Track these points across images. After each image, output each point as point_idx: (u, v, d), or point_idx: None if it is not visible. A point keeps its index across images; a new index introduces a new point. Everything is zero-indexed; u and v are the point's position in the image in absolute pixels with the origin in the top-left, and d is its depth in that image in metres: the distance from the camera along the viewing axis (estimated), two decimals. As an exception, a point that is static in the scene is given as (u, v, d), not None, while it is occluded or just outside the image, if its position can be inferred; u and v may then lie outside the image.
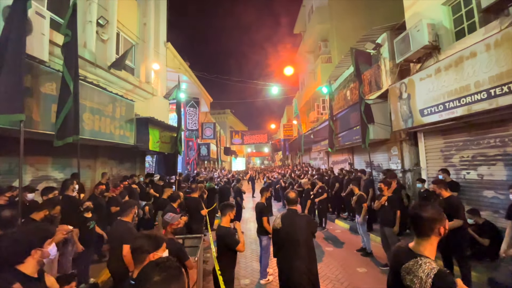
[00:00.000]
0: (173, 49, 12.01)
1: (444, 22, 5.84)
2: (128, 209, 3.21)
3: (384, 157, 8.28)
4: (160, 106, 10.04)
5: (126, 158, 8.40)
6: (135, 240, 1.57)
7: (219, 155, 24.34)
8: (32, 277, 1.63)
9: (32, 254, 1.63)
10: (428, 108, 5.62)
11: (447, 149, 5.87)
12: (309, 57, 18.24)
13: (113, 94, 6.20)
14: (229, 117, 34.51)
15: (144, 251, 1.51)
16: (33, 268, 1.64)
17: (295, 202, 3.07)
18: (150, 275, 0.95)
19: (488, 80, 4.28)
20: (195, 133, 18.83)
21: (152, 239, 1.58)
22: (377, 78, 8.57)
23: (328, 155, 14.07)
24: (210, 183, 8.58)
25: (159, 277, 0.94)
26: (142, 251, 1.51)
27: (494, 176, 4.84)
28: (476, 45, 4.51)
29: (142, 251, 1.51)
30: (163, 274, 0.95)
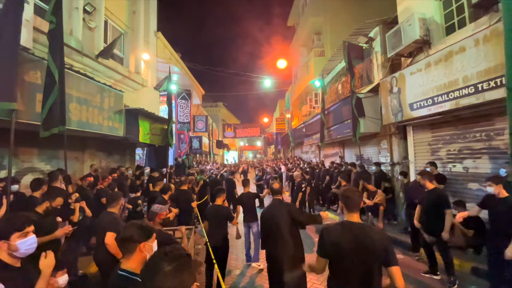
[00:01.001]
0: (163, 39, 11.72)
1: (435, 17, 5.88)
2: (115, 201, 3.19)
3: (374, 150, 8.41)
4: (150, 98, 9.85)
5: (115, 150, 8.24)
6: (125, 230, 1.55)
7: (211, 148, 24.21)
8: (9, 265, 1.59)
9: None
10: (417, 102, 5.71)
11: (435, 143, 6.00)
12: (302, 50, 18.16)
13: (101, 84, 6.03)
14: (222, 110, 34.22)
15: (134, 241, 1.49)
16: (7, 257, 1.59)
17: (278, 192, 3.21)
18: (160, 266, 0.89)
19: (476, 75, 4.37)
20: (186, 125, 18.60)
21: (143, 228, 1.56)
22: (369, 72, 8.62)
23: (319, 149, 14.19)
24: (201, 175, 8.54)
25: (170, 267, 0.88)
26: (133, 240, 1.49)
27: (479, 169, 4.99)
28: (465, 40, 4.57)
29: (133, 241, 1.49)
30: (174, 264, 0.89)
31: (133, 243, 1.49)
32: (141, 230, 1.54)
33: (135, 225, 1.58)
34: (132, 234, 1.50)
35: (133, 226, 1.56)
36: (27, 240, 1.66)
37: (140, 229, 1.55)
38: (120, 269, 1.46)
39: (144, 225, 1.60)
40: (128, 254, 1.49)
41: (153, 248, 1.59)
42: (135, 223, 1.60)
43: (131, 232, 1.51)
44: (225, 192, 3.58)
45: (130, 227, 1.56)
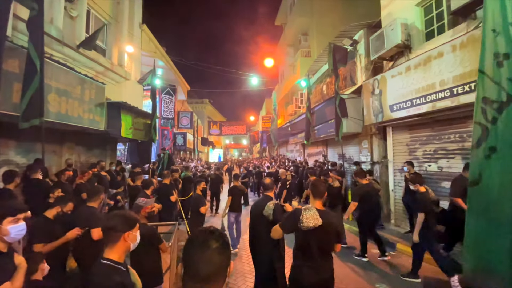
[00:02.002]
0: (148, 32, 11.43)
1: (416, 22, 6.15)
2: (95, 195, 3.14)
3: (355, 149, 8.68)
4: (133, 91, 9.58)
5: (95, 144, 7.95)
6: (109, 220, 1.55)
7: (196, 145, 23.90)
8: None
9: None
10: (397, 104, 5.95)
11: (412, 143, 6.30)
12: (289, 50, 18.33)
13: (81, 75, 5.80)
14: (207, 107, 33.86)
15: (118, 230, 1.49)
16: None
17: (270, 188, 3.20)
18: (209, 243, 0.96)
19: (452, 79, 4.62)
20: (170, 121, 18.25)
21: (127, 218, 1.57)
22: (353, 74, 8.87)
23: (304, 148, 14.43)
24: (185, 172, 8.45)
25: (217, 244, 0.96)
26: (116, 230, 1.49)
27: (452, 169, 5.30)
28: (443, 45, 4.82)
29: (116, 230, 1.49)
30: (221, 241, 0.98)
31: (116, 233, 1.49)
32: (125, 220, 1.55)
33: (118, 214, 1.60)
34: (116, 223, 1.51)
35: (116, 216, 1.57)
36: (18, 226, 1.78)
37: (124, 218, 1.56)
38: (103, 258, 1.44)
39: (127, 215, 1.62)
40: (111, 243, 1.49)
41: (137, 238, 1.60)
42: (119, 213, 1.62)
43: (115, 222, 1.52)
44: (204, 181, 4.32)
45: (114, 217, 1.57)
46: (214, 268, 0.93)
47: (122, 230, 1.50)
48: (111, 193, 6.34)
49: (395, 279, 4.18)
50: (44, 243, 2.57)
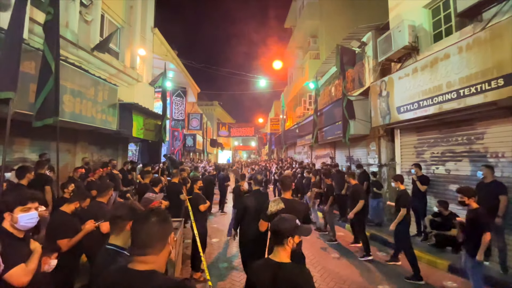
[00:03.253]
0: (160, 36, 11.76)
1: (424, 24, 6.11)
2: (105, 190, 3.28)
3: (363, 152, 8.62)
4: (145, 93, 9.88)
5: (108, 144, 8.26)
6: (117, 209, 1.68)
7: (205, 146, 24.23)
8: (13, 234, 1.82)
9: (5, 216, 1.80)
10: (404, 106, 5.92)
11: (420, 146, 6.22)
12: (298, 52, 18.38)
13: (95, 77, 6.07)
14: (217, 109, 34.24)
15: (124, 219, 1.61)
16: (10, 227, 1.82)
17: (260, 183, 3.82)
18: (148, 218, 1.19)
19: (458, 81, 4.58)
20: (181, 123, 18.61)
21: (133, 209, 1.69)
22: (361, 76, 8.84)
23: (311, 150, 14.38)
24: (194, 172, 8.62)
25: (155, 218, 1.18)
26: (123, 219, 1.61)
27: (460, 171, 5.22)
28: (450, 47, 4.78)
29: (123, 219, 1.61)
30: (158, 217, 1.20)
31: (123, 221, 1.61)
32: (131, 210, 1.67)
33: (126, 204, 1.73)
34: (123, 213, 1.63)
35: (124, 206, 1.71)
36: (28, 214, 1.87)
37: (130, 209, 1.68)
38: (108, 244, 1.56)
39: (134, 206, 1.74)
40: (117, 231, 1.60)
41: None
42: (126, 203, 1.75)
43: (122, 211, 1.64)
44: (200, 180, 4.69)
45: (122, 206, 1.71)
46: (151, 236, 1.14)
47: (128, 219, 1.60)
48: (122, 191, 6.57)
49: (398, 281, 4.15)
50: (69, 238, 2.64)
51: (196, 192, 4.44)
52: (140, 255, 1.13)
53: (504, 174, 4.32)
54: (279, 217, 1.75)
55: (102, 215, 3.05)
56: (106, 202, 3.43)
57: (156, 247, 1.15)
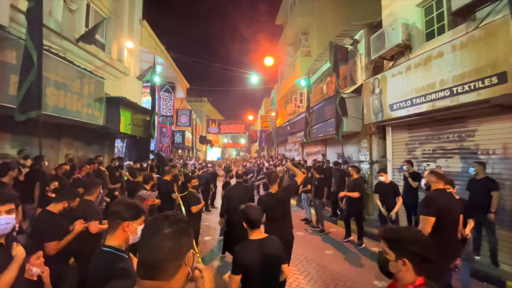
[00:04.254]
0: (149, 28, 11.36)
1: (417, 23, 6.17)
2: (92, 187, 3.09)
3: (355, 149, 8.69)
4: (132, 87, 9.53)
5: (94, 140, 7.90)
6: (115, 204, 1.52)
7: (194, 143, 23.84)
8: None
9: None
10: (397, 103, 5.97)
11: (411, 143, 6.32)
12: (289, 49, 18.31)
13: (81, 69, 5.76)
14: (206, 106, 33.74)
15: (119, 217, 1.45)
16: None
17: (240, 177, 4.49)
18: (160, 227, 0.90)
19: (451, 79, 4.64)
20: (169, 119, 18.18)
21: (132, 207, 1.51)
22: (353, 73, 8.88)
23: (303, 147, 14.43)
24: (184, 169, 8.42)
25: (169, 230, 0.90)
26: (118, 216, 1.45)
27: (451, 168, 5.32)
28: (443, 45, 4.84)
29: (118, 217, 1.45)
30: (174, 227, 0.91)
31: (117, 219, 1.45)
32: (129, 208, 1.50)
33: (125, 201, 1.55)
34: (119, 210, 1.47)
35: (122, 202, 1.53)
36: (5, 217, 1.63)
37: (128, 207, 1.50)
38: (104, 246, 1.42)
39: (134, 204, 1.55)
40: (112, 230, 1.46)
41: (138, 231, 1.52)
42: (126, 200, 1.57)
43: (119, 208, 1.48)
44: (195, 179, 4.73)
45: (119, 202, 1.53)
46: (162, 254, 0.86)
47: (123, 218, 1.46)
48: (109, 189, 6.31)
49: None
50: (58, 240, 2.43)
51: (190, 191, 4.31)
52: (145, 279, 0.86)
53: (495, 171, 4.43)
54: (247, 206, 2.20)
55: (91, 214, 2.88)
56: (94, 201, 3.25)
57: (168, 269, 0.87)
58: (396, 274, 1.25)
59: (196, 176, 5.32)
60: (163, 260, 0.87)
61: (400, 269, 1.22)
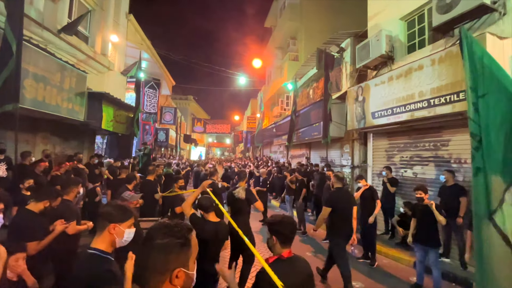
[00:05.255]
0: (135, 22, 11.09)
1: (400, 35, 6.47)
2: (69, 186, 2.99)
3: (337, 153, 8.95)
4: (116, 83, 9.26)
5: (72, 135, 7.59)
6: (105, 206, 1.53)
7: (178, 142, 23.45)
8: None
9: None
10: (379, 112, 6.22)
11: (391, 150, 6.61)
12: (278, 53, 18.51)
13: (62, 61, 5.54)
14: (192, 104, 33.28)
15: (105, 219, 1.44)
16: None
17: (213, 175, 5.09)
18: (154, 236, 0.87)
19: (429, 91, 4.91)
20: (153, 116, 17.78)
21: (121, 209, 1.50)
22: (338, 80, 9.14)
23: (287, 149, 14.61)
24: (167, 168, 8.28)
25: (160, 241, 0.86)
26: (104, 218, 1.44)
27: (426, 175, 5.63)
28: (423, 59, 5.11)
29: (104, 218, 1.44)
30: (165, 240, 0.87)
31: (104, 221, 1.44)
32: (117, 210, 1.48)
33: (114, 204, 1.54)
34: (107, 211, 1.46)
35: (112, 205, 1.53)
36: None
37: (117, 209, 1.49)
38: (90, 248, 1.40)
39: (124, 208, 1.54)
40: (99, 231, 1.44)
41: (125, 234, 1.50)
42: (116, 203, 1.56)
43: (107, 210, 1.47)
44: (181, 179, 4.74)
45: (110, 204, 1.54)
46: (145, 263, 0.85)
47: (109, 220, 1.44)
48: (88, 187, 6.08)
49: (372, 277, 4.36)
50: (38, 240, 2.35)
51: (176, 191, 4.26)
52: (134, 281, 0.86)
53: (466, 179, 4.74)
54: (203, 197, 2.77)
55: (70, 214, 2.79)
56: (72, 200, 3.14)
57: (149, 280, 0.84)
58: (271, 249, 1.69)
59: (182, 176, 5.24)
60: (145, 269, 0.85)
61: (272, 244, 1.67)
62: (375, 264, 4.83)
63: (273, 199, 10.76)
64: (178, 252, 0.88)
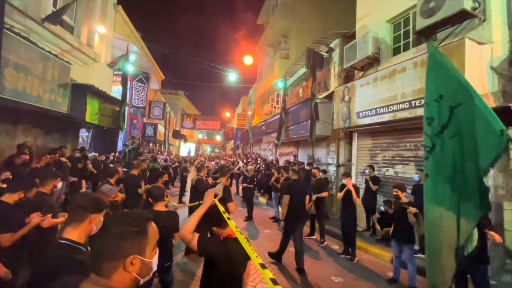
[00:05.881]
0: (124, 14, 10.86)
1: (386, 38, 6.62)
2: (45, 178, 2.94)
3: (324, 152, 9.10)
4: (102, 75, 9.05)
5: (55, 128, 7.37)
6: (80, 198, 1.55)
7: (167, 137, 23.16)
8: None
9: None
10: (363, 112, 6.37)
11: (374, 149, 6.79)
12: (269, 50, 18.53)
13: (45, 51, 5.39)
14: (182, 99, 32.90)
15: (86, 210, 1.49)
16: None
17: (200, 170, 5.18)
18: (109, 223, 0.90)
19: (411, 93, 5.08)
20: (141, 110, 17.50)
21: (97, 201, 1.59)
22: (326, 80, 9.28)
23: (276, 147, 14.71)
24: (153, 163, 8.21)
25: (114, 228, 0.88)
26: (85, 210, 1.49)
27: (406, 174, 5.82)
28: (406, 61, 5.27)
29: (85, 210, 1.49)
30: (120, 228, 0.88)
31: (84, 213, 1.49)
32: (96, 202, 1.56)
33: (90, 195, 1.62)
34: (87, 203, 1.51)
35: (88, 196, 1.59)
36: None
37: (95, 200, 1.57)
38: (62, 238, 1.41)
39: (99, 198, 1.63)
40: (76, 223, 1.47)
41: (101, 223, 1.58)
42: (90, 194, 1.64)
43: (86, 202, 1.52)
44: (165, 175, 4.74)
45: (85, 196, 1.58)
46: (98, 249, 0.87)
47: (91, 211, 1.50)
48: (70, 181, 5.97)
49: (351, 272, 4.50)
50: (12, 232, 2.31)
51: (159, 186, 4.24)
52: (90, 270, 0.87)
53: (441, 178, 4.94)
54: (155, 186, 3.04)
55: (46, 207, 2.74)
56: (49, 193, 3.08)
57: (103, 267, 0.85)
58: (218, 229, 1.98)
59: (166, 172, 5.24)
60: (98, 255, 0.87)
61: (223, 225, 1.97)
62: (355, 260, 4.98)
63: (260, 196, 10.85)
64: (133, 240, 0.89)
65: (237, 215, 7.89)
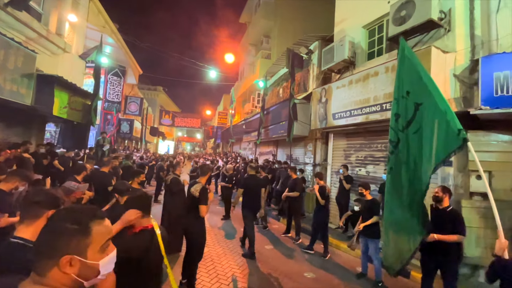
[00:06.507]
0: (98, 4, 10.33)
1: (361, 42, 6.87)
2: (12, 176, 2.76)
3: (301, 151, 9.27)
4: (73, 66, 8.56)
5: (18, 121, 6.87)
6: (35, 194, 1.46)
7: (143, 134, 22.39)
8: None
9: None
10: (338, 113, 6.57)
11: (348, 149, 7.03)
12: (251, 49, 18.54)
13: (6, 38, 4.99)
14: (161, 95, 31.90)
15: (42, 207, 1.41)
16: None
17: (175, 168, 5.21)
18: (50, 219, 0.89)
19: (383, 96, 5.31)
20: (116, 106, 16.78)
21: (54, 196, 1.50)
22: (306, 81, 9.45)
23: (256, 146, 14.76)
24: (126, 160, 7.91)
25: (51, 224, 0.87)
26: (41, 206, 1.41)
27: (377, 174, 6.09)
28: (379, 66, 5.50)
29: (41, 206, 1.41)
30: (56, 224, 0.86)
31: (40, 209, 1.41)
32: (52, 198, 1.48)
33: (45, 190, 1.53)
34: (42, 199, 1.43)
35: (43, 192, 1.50)
36: None
37: (51, 196, 1.49)
38: (14, 237, 1.31)
39: (55, 194, 1.54)
40: (30, 220, 1.38)
41: None
42: (45, 189, 1.56)
43: (42, 197, 1.44)
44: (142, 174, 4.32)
45: (40, 192, 1.49)
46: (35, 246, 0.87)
47: (47, 207, 1.42)
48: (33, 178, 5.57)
49: (323, 268, 4.63)
50: None
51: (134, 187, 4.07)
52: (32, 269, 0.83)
53: (408, 178, 5.22)
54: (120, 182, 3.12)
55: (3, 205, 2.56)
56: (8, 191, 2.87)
57: (38, 264, 0.81)
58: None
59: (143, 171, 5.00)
60: (36, 252, 0.85)
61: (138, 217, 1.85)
62: (327, 256, 5.12)
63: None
64: (69, 238, 0.83)
65: (215, 214, 7.83)
